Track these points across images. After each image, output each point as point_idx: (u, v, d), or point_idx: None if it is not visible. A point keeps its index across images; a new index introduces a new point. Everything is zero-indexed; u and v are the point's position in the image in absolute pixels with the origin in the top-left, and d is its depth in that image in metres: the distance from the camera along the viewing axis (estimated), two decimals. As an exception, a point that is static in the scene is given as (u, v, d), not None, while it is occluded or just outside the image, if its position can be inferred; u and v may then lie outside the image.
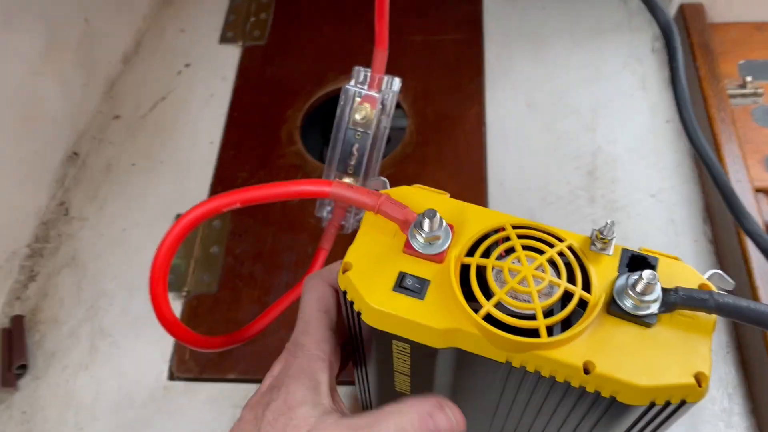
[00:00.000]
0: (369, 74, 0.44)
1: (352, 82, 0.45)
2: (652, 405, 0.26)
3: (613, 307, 0.27)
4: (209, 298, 0.59)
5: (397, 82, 0.44)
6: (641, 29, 0.73)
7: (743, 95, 0.63)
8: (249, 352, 0.55)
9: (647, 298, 0.26)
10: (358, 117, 0.44)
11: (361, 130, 0.45)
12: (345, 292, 0.30)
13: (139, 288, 0.61)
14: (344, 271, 0.29)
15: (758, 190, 0.57)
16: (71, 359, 0.57)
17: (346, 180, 0.46)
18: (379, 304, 0.28)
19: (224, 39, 0.78)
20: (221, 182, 0.66)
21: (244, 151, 0.69)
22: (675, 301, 0.26)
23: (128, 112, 0.73)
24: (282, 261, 0.61)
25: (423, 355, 0.29)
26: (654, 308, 0.26)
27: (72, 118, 0.70)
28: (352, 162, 0.46)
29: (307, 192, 0.33)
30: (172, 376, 0.55)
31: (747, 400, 0.51)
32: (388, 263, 0.29)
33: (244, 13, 0.80)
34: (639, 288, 0.26)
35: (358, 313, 0.29)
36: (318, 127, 0.76)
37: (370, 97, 0.44)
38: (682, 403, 0.26)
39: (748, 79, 0.63)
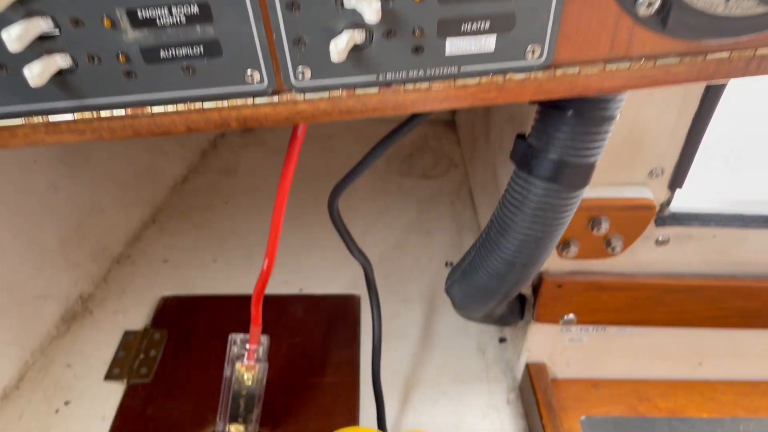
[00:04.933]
0: (247, 344, 0.64)
1: (234, 349, 0.64)
2: None
3: None
4: None
5: (265, 341, 0.65)
6: (498, 380, 0.82)
7: (586, 451, 0.70)
8: None
9: None
10: (242, 380, 0.63)
11: (245, 388, 0.64)
12: None
13: None
14: None
15: None
16: None
17: (236, 426, 0.65)
18: None
19: (110, 375, 0.81)
20: None
21: (109, 503, 0.67)
22: None
23: (-8, 454, 0.71)
24: None
25: None
26: None
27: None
28: (241, 412, 0.64)
29: None
30: None
31: None
32: None
33: (135, 350, 0.84)
34: None
35: None
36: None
37: (250, 365, 0.64)
38: None
39: (589, 435, 0.71)
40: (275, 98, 0.36)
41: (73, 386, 0.79)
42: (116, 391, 0.79)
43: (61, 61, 0.33)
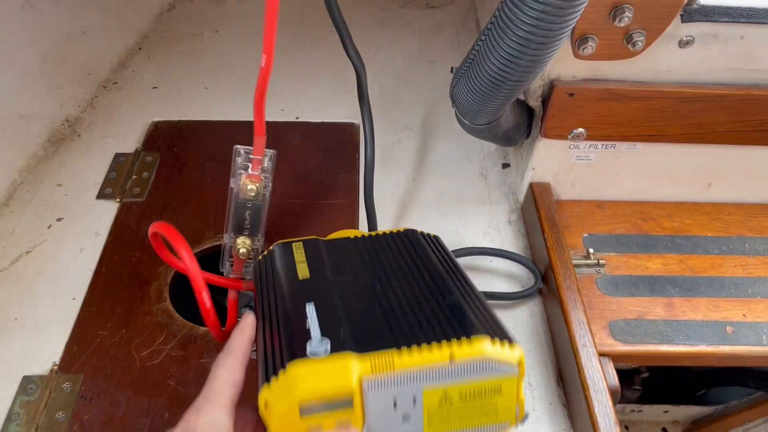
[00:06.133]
0: (251, 155, 0.56)
1: (238, 160, 0.57)
2: None
3: None
4: (46, 472, 0.54)
5: (271, 155, 0.57)
6: (500, 202, 0.80)
7: (587, 265, 0.69)
8: None
9: None
10: (247, 191, 0.57)
11: (250, 200, 0.58)
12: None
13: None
14: None
15: (602, 354, 0.61)
16: None
17: (242, 240, 0.59)
18: None
19: (102, 195, 0.79)
20: (78, 341, 0.63)
21: (108, 308, 0.66)
22: None
23: (-13, 265, 0.70)
24: (135, 428, 0.57)
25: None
26: None
27: None
28: (246, 225, 0.59)
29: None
30: None
31: None
32: None
33: (126, 171, 0.82)
34: None
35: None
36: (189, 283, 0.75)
37: (254, 176, 0.57)
38: None
39: (591, 250, 0.70)
40: None
41: (65, 204, 0.78)
42: (109, 209, 0.77)
43: None
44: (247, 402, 0.40)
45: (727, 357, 0.63)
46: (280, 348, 0.39)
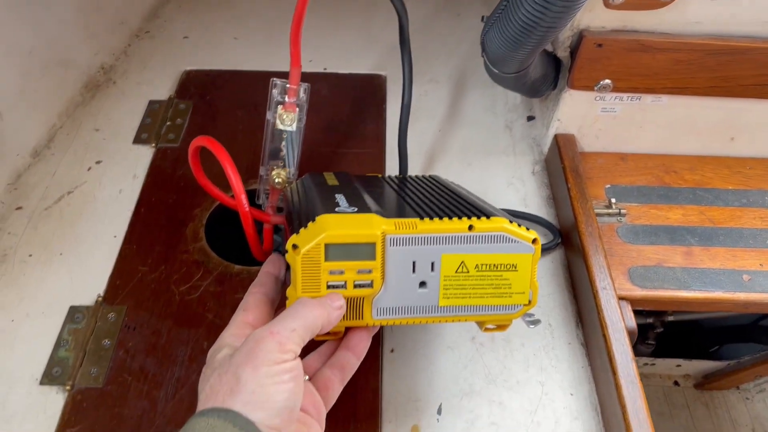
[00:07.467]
0: (287, 86, 0.56)
1: (274, 92, 0.58)
2: None
3: None
4: (95, 392, 0.58)
5: (306, 87, 0.57)
6: (524, 153, 0.82)
7: (609, 214, 0.71)
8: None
9: None
10: (282, 121, 0.58)
11: (286, 131, 0.58)
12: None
13: (20, 381, 0.58)
14: None
15: (621, 298, 0.63)
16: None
17: (277, 170, 0.60)
18: None
19: (138, 140, 0.81)
20: (120, 275, 0.67)
21: (147, 246, 0.70)
22: None
23: (32, 203, 0.73)
24: (176, 355, 0.61)
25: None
26: None
27: (-29, 207, 0.70)
28: (282, 155, 0.60)
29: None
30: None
31: None
32: None
33: (161, 118, 0.84)
34: None
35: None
36: (224, 225, 0.78)
37: (290, 105, 0.57)
38: None
39: (613, 200, 0.72)
40: None
41: (103, 148, 0.80)
42: (146, 153, 0.80)
43: None
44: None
45: (742, 304, 0.65)
46: (308, 216, 0.44)
